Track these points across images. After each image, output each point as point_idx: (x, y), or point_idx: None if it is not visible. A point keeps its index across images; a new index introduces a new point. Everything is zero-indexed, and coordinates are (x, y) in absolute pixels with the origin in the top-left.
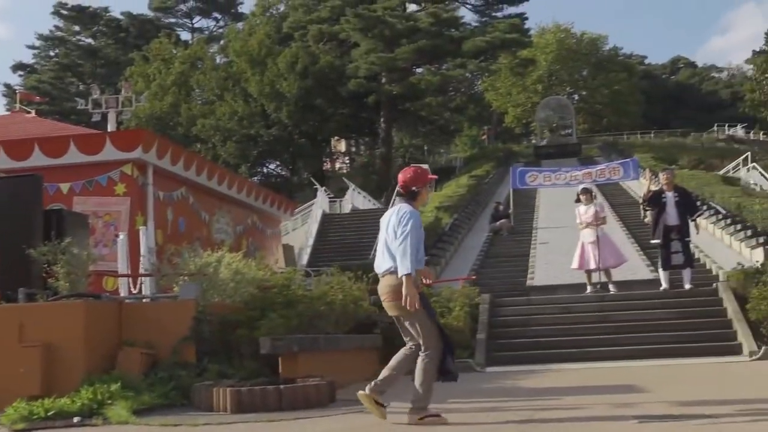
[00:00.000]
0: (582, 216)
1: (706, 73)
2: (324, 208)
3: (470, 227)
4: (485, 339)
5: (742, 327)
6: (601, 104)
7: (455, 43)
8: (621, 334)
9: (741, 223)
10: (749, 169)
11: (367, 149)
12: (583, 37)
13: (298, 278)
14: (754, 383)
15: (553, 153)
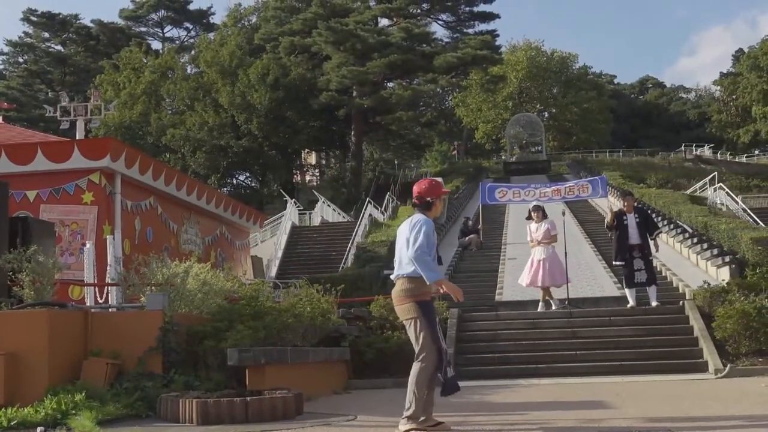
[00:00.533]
0: (533, 234)
1: (674, 94)
2: (293, 220)
3: (439, 242)
4: (453, 353)
5: (708, 345)
6: (570, 122)
7: (426, 58)
8: (588, 350)
9: (707, 242)
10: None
11: (338, 162)
12: (553, 56)
13: (266, 290)
14: (719, 401)
15: (522, 169)
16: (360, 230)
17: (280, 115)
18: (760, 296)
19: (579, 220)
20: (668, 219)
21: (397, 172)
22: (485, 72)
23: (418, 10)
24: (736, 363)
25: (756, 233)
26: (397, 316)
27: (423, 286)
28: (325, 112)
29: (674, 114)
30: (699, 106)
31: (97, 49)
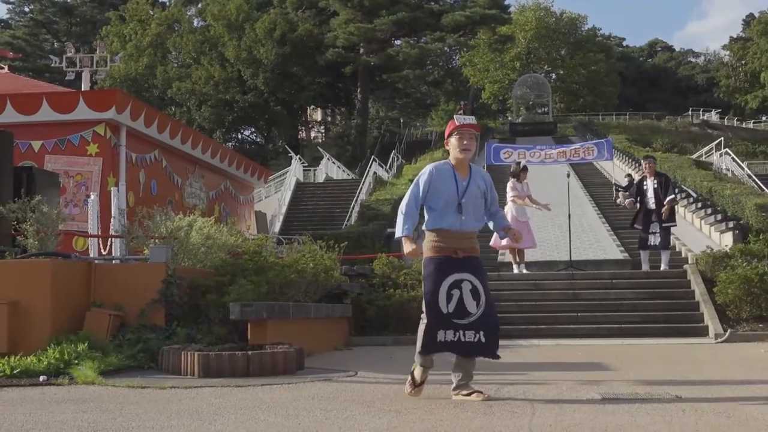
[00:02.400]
0: (519, 191)
1: (683, 58)
2: (298, 177)
3: None
4: None
5: (709, 309)
6: (577, 84)
7: (435, 16)
8: (590, 312)
9: (712, 207)
10: (722, 155)
11: (343, 119)
12: (562, 17)
13: (269, 245)
14: (718, 365)
15: (528, 131)
16: (364, 188)
17: (286, 70)
18: (763, 262)
19: (584, 183)
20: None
21: (403, 130)
22: (493, 32)
23: None
24: (736, 328)
25: (761, 199)
26: (399, 274)
27: (432, 240)
28: (331, 68)
29: (682, 78)
30: (707, 71)
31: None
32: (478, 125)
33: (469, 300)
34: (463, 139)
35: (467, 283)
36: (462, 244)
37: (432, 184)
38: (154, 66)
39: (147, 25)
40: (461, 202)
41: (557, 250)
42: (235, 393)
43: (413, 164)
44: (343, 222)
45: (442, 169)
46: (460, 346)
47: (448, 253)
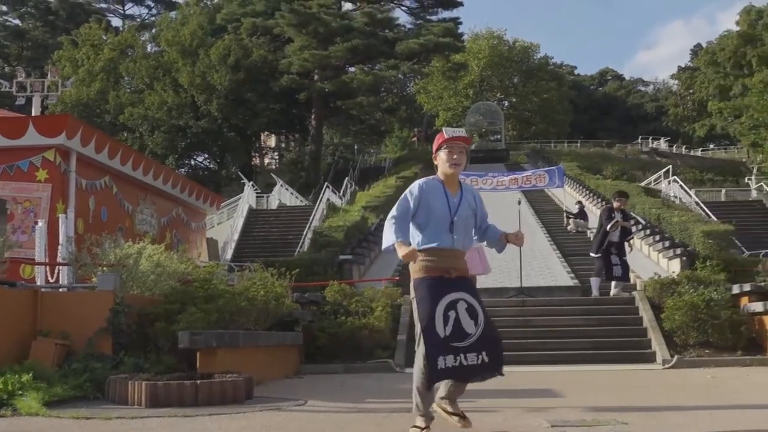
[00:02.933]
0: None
1: (633, 87)
2: (251, 203)
3: None
4: (405, 340)
5: (657, 336)
6: (530, 112)
7: (389, 44)
8: (540, 338)
9: (660, 234)
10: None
11: (297, 146)
12: (515, 45)
13: (220, 273)
14: (665, 391)
15: (481, 158)
16: (317, 215)
17: (240, 96)
18: (709, 288)
19: (535, 210)
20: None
21: (357, 157)
22: (447, 59)
23: None
24: (683, 354)
25: (707, 226)
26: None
27: (422, 260)
28: (285, 95)
29: (632, 106)
30: (657, 100)
31: (56, 24)
32: (470, 138)
33: (466, 320)
34: (453, 153)
35: (462, 303)
36: (454, 263)
37: (422, 200)
38: (107, 91)
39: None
40: (453, 220)
41: (508, 277)
42: (183, 423)
43: (366, 191)
44: (295, 249)
45: (432, 185)
46: (463, 371)
47: (440, 273)
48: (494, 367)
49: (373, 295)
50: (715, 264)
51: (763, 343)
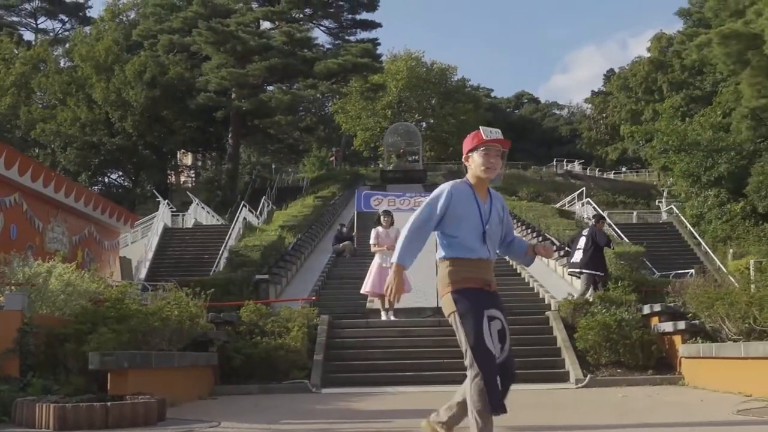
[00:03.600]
0: (383, 239)
1: (548, 110)
2: (166, 222)
3: (313, 248)
4: (322, 360)
5: (570, 355)
6: (447, 133)
7: (307, 63)
8: (457, 358)
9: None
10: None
11: (214, 164)
12: (433, 67)
13: (133, 292)
14: (578, 410)
15: (399, 178)
16: (234, 234)
17: (156, 114)
18: (621, 309)
19: None
20: (537, 231)
21: (274, 176)
22: (365, 80)
23: (301, 15)
24: (595, 373)
25: (619, 248)
26: (266, 321)
27: (459, 270)
28: (202, 112)
29: (547, 129)
30: (571, 123)
31: None
32: (509, 140)
33: (496, 342)
34: (490, 157)
35: (497, 323)
36: (488, 275)
37: (451, 207)
38: (18, 106)
39: (11, 64)
40: (485, 229)
41: (425, 297)
42: None
43: (284, 210)
44: (211, 268)
45: (462, 190)
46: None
47: (480, 285)
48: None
49: (290, 315)
50: (627, 285)
51: (672, 362)
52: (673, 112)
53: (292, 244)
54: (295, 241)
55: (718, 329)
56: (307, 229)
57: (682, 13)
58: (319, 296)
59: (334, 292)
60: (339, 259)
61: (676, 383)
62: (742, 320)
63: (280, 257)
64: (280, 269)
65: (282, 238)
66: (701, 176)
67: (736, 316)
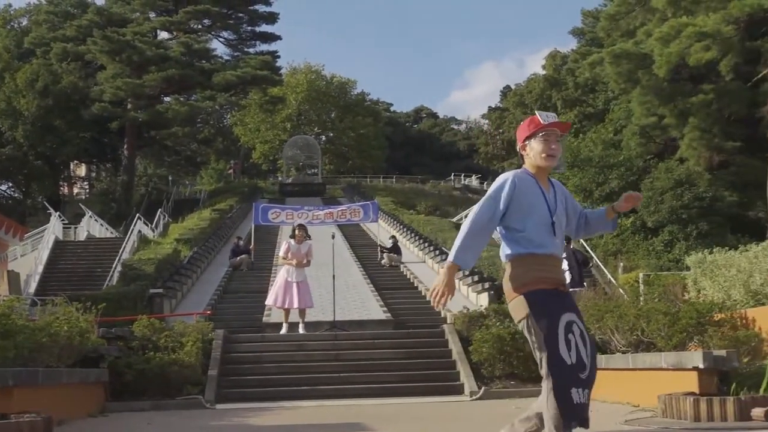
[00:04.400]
0: (293, 253)
1: (447, 125)
2: (57, 235)
3: (210, 261)
4: (217, 375)
5: (465, 368)
6: (347, 146)
7: (206, 74)
8: (352, 372)
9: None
10: None
11: (109, 176)
12: (332, 80)
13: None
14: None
15: (298, 191)
16: (128, 247)
17: (48, 123)
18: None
19: (350, 244)
20: (434, 245)
21: (171, 188)
22: (264, 92)
23: (200, 26)
24: (490, 386)
25: None
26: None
27: (530, 269)
28: (97, 123)
29: (446, 144)
30: (469, 138)
31: None
32: (568, 123)
33: (582, 348)
34: (550, 143)
35: (577, 327)
36: (560, 273)
37: (515, 198)
38: None
39: None
40: (554, 221)
41: (322, 311)
42: None
43: (180, 223)
44: (104, 282)
45: (525, 179)
46: (586, 410)
47: (554, 285)
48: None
49: (184, 330)
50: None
51: None
52: None
53: (187, 258)
54: (191, 254)
55: (608, 341)
56: (203, 243)
57: (576, 32)
58: (215, 310)
59: (231, 306)
60: (236, 273)
61: None
62: (631, 332)
63: (176, 271)
64: (175, 283)
65: (178, 251)
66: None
67: (625, 328)
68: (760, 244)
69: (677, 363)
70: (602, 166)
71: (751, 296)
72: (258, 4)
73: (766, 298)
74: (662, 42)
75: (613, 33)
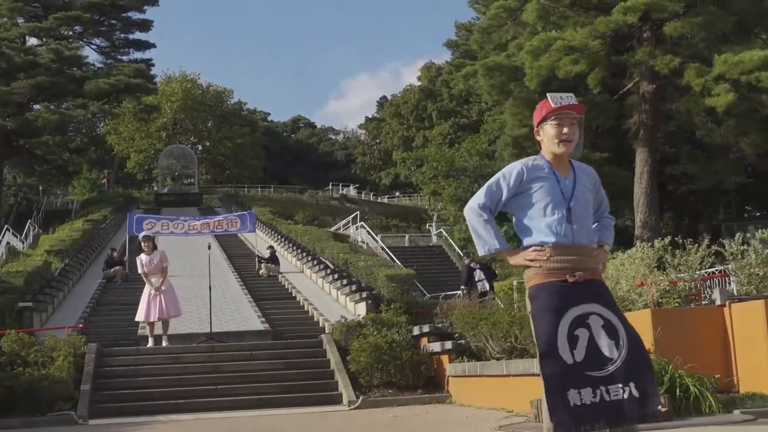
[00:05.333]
0: (145, 266)
1: (324, 135)
2: None
3: (83, 273)
4: (90, 390)
5: (343, 377)
6: (224, 156)
7: (77, 82)
8: (230, 384)
9: (347, 278)
10: (358, 228)
11: None
12: (209, 89)
13: None
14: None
15: (174, 201)
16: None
17: None
18: (392, 330)
19: (228, 254)
20: (312, 255)
21: (42, 198)
22: (138, 101)
23: (71, 33)
24: (368, 394)
25: (391, 271)
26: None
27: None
28: None
29: (323, 154)
30: (346, 148)
31: None
32: (583, 106)
33: (604, 341)
34: (563, 126)
35: (596, 318)
36: (580, 263)
37: (524, 183)
38: None
39: None
40: (570, 206)
41: (199, 323)
42: None
43: (51, 234)
44: None
45: (537, 166)
46: (607, 409)
47: (561, 276)
48: (647, 405)
49: (55, 344)
50: (398, 306)
51: (441, 381)
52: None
53: (59, 270)
54: (63, 266)
55: (483, 348)
56: (75, 254)
57: (450, 44)
58: (87, 323)
59: (105, 318)
60: (110, 285)
61: (445, 402)
62: (504, 339)
63: (46, 283)
64: (45, 296)
65: (48, 263)
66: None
67: (499, 335)
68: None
69: None
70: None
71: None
72: (131, 11)
73: (632, 305)
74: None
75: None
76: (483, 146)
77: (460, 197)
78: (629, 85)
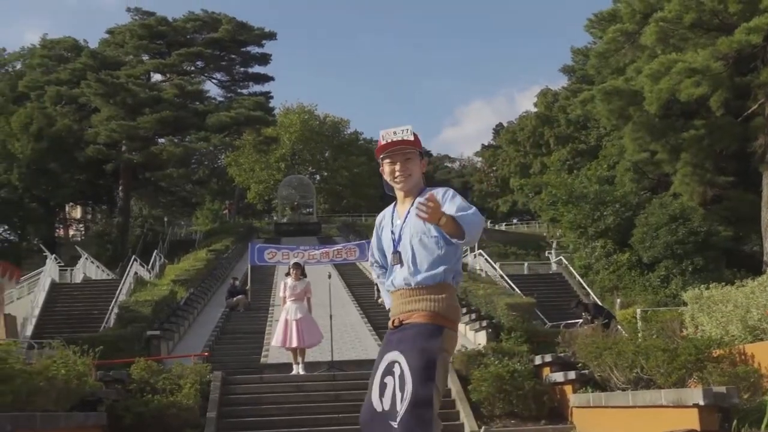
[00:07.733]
0: (291, 291)
1: (440, 162)
2: (53, 277)
3: (206, 302)
4: (215, 418)
5: (465, 407)
6: (341, 185)
7: (200, 116)
8: (351, 413)
9: (466, 306)
10: (476, 256)
11: (104, 217)
12: (326, 120)
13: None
14: None
15: (293, 231)
16: (124, 289)
17: (43, 166)
18: (513, 360)
19: (347, 283)
20: None
21: (167, 229)
22: (258, 133)
23: (193, 68)
24: (490, 425)
25: (511, 299)
26: (158, 378)
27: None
28: (92, 165)
29: (439, 181)
30: (462, 176)
31: None
32: (415, 137)
33: (397, 392)
34: (395, 163)
35: (398, 367)
36: (404, 307)
37: (379, 232)
38: None
39: None
40: (398, 250)
41: (320, 351)
42: None
43: (176, 264)
44: (101, 324)
45: (387, 211)
46: None
47: (393, 321)
48: None
49: (182, 372)
50: (519, 335)
51: (564, 411)
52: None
53: (184, 299)
54: (188, 295)
55: (607, 378)
56: (199, 283)
57: (566, 70)
58: (212, 352)
59: (228, 347)
60: (232, 314)
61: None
62: (630, 369)
63: (172, 312)
64: (171, 324)
65: (174, 292)
66: (588, 228)
67: (624, 365)
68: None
69: (677, 400)
70: (597, 202)
71: (749, 331)
72: (250, 45)
73: (763, 333)
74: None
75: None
76: (603, 172)
77: (580, 224)
78: (754, 107)
